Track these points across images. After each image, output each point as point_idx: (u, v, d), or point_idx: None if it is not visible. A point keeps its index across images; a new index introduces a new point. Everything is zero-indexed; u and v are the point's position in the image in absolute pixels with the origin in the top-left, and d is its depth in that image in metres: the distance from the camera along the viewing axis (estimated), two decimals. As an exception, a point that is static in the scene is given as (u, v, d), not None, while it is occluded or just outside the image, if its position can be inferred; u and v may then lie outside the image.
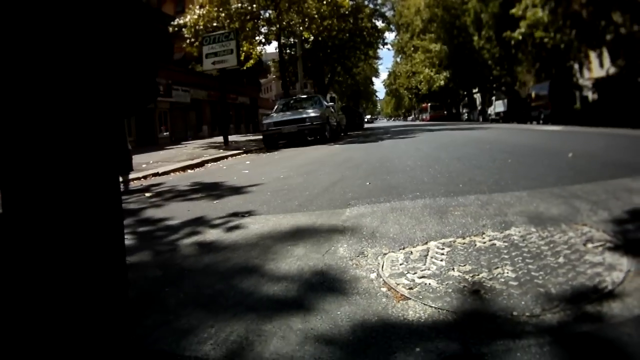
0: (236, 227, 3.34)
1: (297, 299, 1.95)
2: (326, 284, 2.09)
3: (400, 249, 2.52)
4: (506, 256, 2.34)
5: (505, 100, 29.66)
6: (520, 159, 6.15)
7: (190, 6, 21.65)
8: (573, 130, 13.91)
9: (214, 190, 5.62)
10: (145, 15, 1.02)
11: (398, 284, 2.06)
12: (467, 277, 2.10)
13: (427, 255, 2.42)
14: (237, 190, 5.36)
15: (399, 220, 3.08)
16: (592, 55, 27.45)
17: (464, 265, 2.25)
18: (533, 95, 24.84)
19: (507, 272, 2.12)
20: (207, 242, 3.05)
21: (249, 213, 3.82)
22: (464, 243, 2.58)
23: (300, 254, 2.55)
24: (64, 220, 0.86)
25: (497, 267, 2.20)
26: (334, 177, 5.71)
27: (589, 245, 2.37)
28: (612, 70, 24.45)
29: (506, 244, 2.52)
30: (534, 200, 3.42)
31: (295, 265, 2.38)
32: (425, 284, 2.06)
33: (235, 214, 3.83)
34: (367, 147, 11.21)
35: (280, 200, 4.28)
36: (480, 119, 35.38)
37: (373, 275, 2.17)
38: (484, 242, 2.58)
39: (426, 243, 2.60)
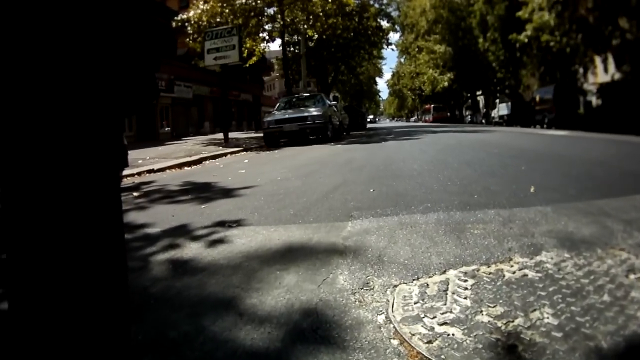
0: (220, 241, 2.85)
1: (281, 356, 1.46)
2: (320, 332, 1.60)
3: (413, 280, 2.03)
4: (542, 292, 1.87)
5: (509, 104, 29.10)
6: (534, 166, 5.66)
7: (194, 1, 21.10)
8: (579, 135, 13.41)
9: (205, 192, 5.13)
10: (148, 10, 0.98)
11: (413, 334, 1.57)
12: (499, 324, 1.63)
13: (447, 289, 1.93)
14: (229, 193, 4.87)
15: (410, 239, 2.58)
16: (597, 60, 26.94)
17: (494, 306, 1.77)
18: (537, 98, 24.28)
19: (547, 317, 1.67)
20: (184, 259, 2.56)
21: (237, 223, 3.33)
22: (489, 273, 2.10)
23: (291, 283, 2.06)
24: (61, 219, 0.83)
25: (535, 309, 1.74)
26: (335, 180, 5.22)
27: (632, 277, 1.98)
28: (618, 75, 23.97)
29: (540, 274, 2.06)
30: (561, 218, 2.95)
31: (284, 299, 1.89)
32: (448, 334, 1.57)
33: (222, 223, 3.34)
34: (370, 148, 10.69)
35: (274, 208, 3.78)
36: (484, 122, 34.79)
37: (381, 319, 1.68)
38: (514, 272, 2.10)
39: (444, 272, 2.11)
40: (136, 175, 7.67)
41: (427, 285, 1.98)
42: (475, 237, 2.58)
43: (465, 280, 2.02)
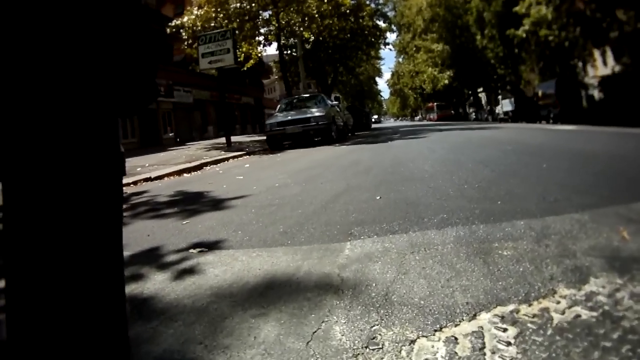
0: (190, 271, 2.28)
1: None
2: None
3: (435, 331, 1.47)
4: (606, 343, 1.35)
5: (513, 99, 28.42)
6: (555, 164, 5.06)
7: (189, 7, 20.54)
8: (588, 129, 12.77)
9: (194, 204, 4.58)
10: (143, 15, 0.93)
11: None
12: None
13: (484, 346, 1.37)
14: (218, 205, 4.32)
15: (424, 267, 2.00)
16: (596, 54, 26.34)
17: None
18: (540, 94, 23.75)
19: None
20: (143, 297, 2.01)
21: (216, 244, 2.77)
22: (533, 315, 1.54)
23: (270, 338, 1.50)
24: (55, 225, 0.78)
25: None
26: (338, 186, 4.65)
27: None
28: (618, 68, 23.37)
29: (594, 313, 1.53)
30: (602, 228, 2.39)
31: (257, 369, 1.33)
32: None
33: (200, 245, 2.78)
34: (376, 149, 10.09)
35: (262, 223, 3.21)
36: (490, 119, 34.04)
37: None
38: (563, 312, 1.55)
39: (475, 316, 1.55)
40: (132, 185, 7.17)
41: (456, 339, 1.42)
42: (506, 261, 2.01)
43: (505, 330, 1.45)
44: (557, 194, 3.32)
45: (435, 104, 49.81)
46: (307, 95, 18.30)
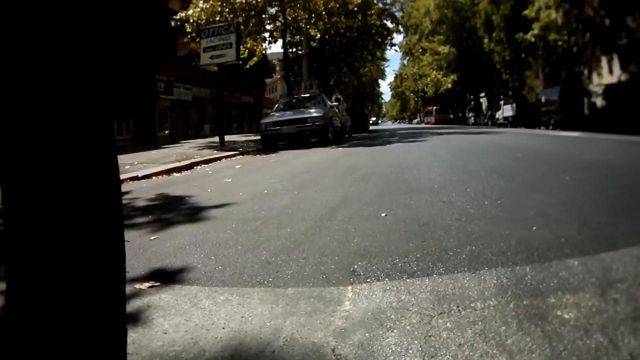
0: (132, 321, 1.65)
1: None
2: None
3: None
4: None
5: (514, 105, 27.80)
6: (576, 175, 4.44)
7: (194, 1, 19.85)
8: (593, 137, 12.19)
9: (170, 211, 3.97)
10: (148, 10, 0.89)
11: None
12: None
13: None
14: (196, 215, 3.70)
15: (462, 345, 1.33)
16: (603, 61, 25.85)
17: None
18: (543, 100, 23.19)
19: None
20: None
21: (179, 275, 2.14)
22: None
23: None
24: (49, 224, 0.74)
25: None
26: (334, 196, 4.02)
27: None
28: (624, 77, 22.88)
29: None
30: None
31: None
32: None
33: (159, 274, 2.16)
34: (374, 152, 9.44)
35: (240, 246, 2.57)
36: (489, 123, 33.41)
37: None
38: None
39: None
40: (115, 185, 6.53)
41: None
42: (571, 331, 1.38)
43: None
44: (597, 216, 2.71)
45: (434, 107, 49.70)
46: (307, 95, 17.67)
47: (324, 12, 19.72)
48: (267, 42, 22.46)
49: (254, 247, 2.52)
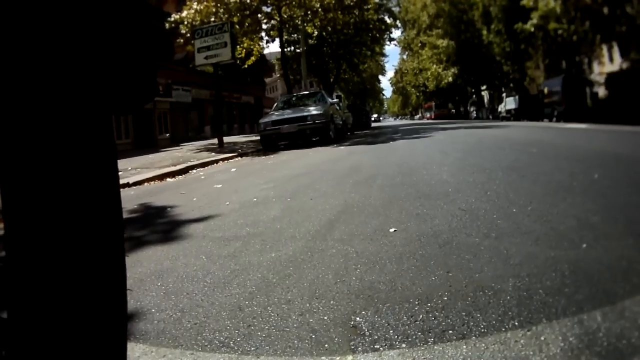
0: None
1: None
2: None
3: None
4: None
5: (517, 97, 27.05)
6: (605, 173, 3.83)
7: (189, 2, 19.26)
8: (600, 128, 11.55)
9: (144, 228, 3.39)
10: (143, 10, 0.85)
11: None
12: None
13: None
14: (171, 232, 3.11)
15: None
16: (604, 49, 25.21)
17: None
18: (545, 91, 22.44)
19: None
20: None
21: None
22: None
23: None
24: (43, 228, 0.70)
25: None
26: (332, 204, 3.42)
27: None
28: (626, 64, 22.21)
29: None
30: None
31: None
32: None
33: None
34: (378, 150, 8.82)
35: (210, 280, 1.97)
36: (491, 117, 32.66)
37: None
38: None
39: None
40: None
41: None
42: None
43: None
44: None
45: (433, 103, 49.54)
46: (307, 92, 17.06)
47: (319, 9, 19.10)
48: (264, 41, 21.91)
49: (227, 282, 1.92)
